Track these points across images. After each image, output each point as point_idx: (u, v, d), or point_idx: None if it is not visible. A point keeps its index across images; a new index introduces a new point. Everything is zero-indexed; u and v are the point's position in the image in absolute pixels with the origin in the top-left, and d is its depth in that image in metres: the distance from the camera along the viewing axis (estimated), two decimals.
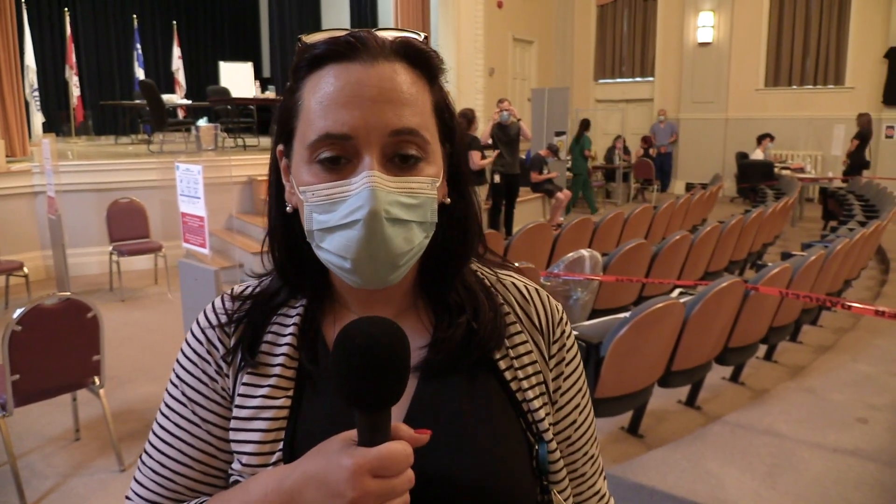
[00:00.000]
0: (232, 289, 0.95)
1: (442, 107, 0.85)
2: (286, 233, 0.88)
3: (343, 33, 0.80)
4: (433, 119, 0.83)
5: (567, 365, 0.95)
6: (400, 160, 0.78)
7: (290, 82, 0.84)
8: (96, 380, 3.57)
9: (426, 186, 0.79)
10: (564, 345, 0.95)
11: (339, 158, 0.77)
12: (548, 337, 0.93)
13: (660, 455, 3.34)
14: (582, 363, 0.98)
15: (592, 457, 0.98)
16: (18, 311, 3.18)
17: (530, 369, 0.90)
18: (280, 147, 0.86)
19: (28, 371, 3.25)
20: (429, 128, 0.81)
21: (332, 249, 0.78)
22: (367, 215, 0.74)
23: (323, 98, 0.77)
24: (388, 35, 0.81)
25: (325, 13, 17.83)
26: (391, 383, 0.67)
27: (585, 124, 13.38)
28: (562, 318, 0.96)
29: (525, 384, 0.89)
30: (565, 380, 0.94)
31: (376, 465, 0.66)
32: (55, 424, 4.08)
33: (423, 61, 0.82)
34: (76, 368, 3.49)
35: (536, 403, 0.88)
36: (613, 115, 16.96)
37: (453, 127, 0.87)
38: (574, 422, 0.95)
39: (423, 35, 0.84)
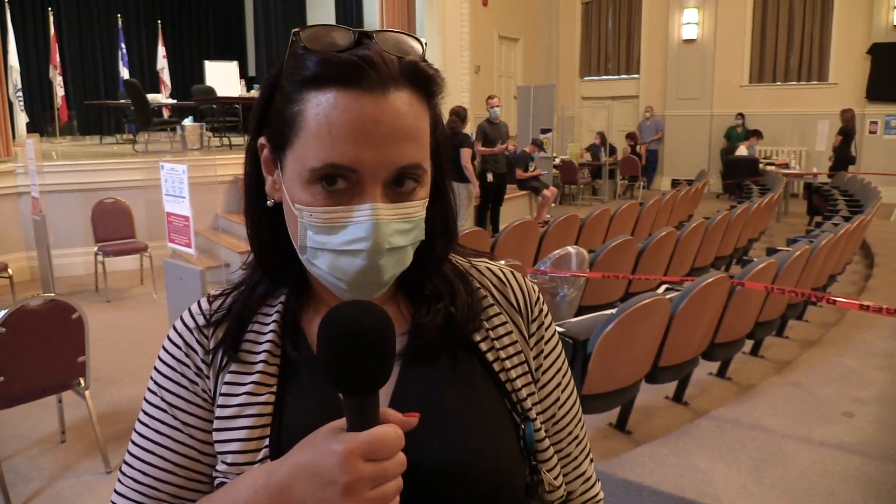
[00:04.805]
0: (209, 294, 0.94)
1: (436, 123, 0.85)
2: (267, 226, 0.87)
3: (343, 35, 0.77)
4: (429, 141, 0.82)
5: (546, 343, 0.95)
6: (397, 184, 0.78)
7: (284, 84, 0.79)
8: (81, 381, 3.55)
9: (419, 209, 0.80)
10: (543, 323, 0.96)
11: (340, 181, 0.76)
12: (526, 316, 0.94)
13: (647, 451, 3.35)
14: (561, 343, 0.99)
15: (577, 437, 0.98)
16: (2, 313, 3.16)
17: (511, 349, 0.91)
18: (262, 140, 0.85)
19: (12, 373, 3.23)
20: (427, 155, 0.81)
21: (328, 269, 0.78)
22: (370, 248, 0.75)
23: (330, 126, 0.75)
24: (390, 42, 0.78)
25: (311, 12, 17.77)
26: (378, 365, 0.67)
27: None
28: (538, 298, 0.97)
29: (507, 364, 0.89)
30: (545, 357, 0.95)
31: (367, 448, 0.65)
32: (40, 426, 4.05)
33: (429, 85, 0.81)
34: (61, 370, 3.47)
35: (519, 383, 0.89)
36: (599, 112, 17.00)
37: (441, 140, 0.87)
38: (557, 400, 0.95)
39: (424, 41, 0.82)
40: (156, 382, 0.89)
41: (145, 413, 0.88)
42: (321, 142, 0.75)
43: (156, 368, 0.89)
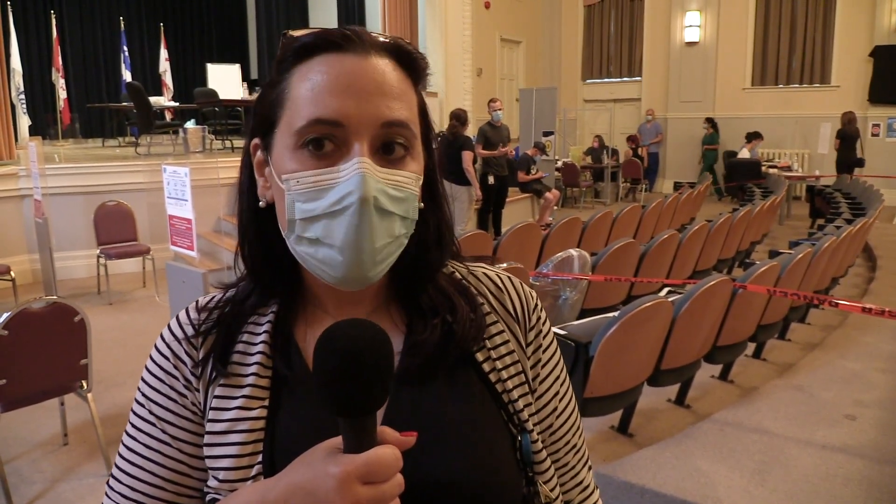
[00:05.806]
0: (197, 301, 0.92)
1: (424, 110, 0.85)
2: (258, 230, 0.87)
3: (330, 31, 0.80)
4: (418, 119, 0.83)
5: (544, 352, 0.93)
6: (386, 152, 0.77)
7: (272, 75, 0.82)
8: (84, 384, 3.55)
9: (411, 182, 0.79)
10: (541, 331, 0.94)
11: (328, 143, 0.76)
12: (524, 324, 0.92)
13: (649, 454, 3.35)
14: (559, 351, 0.97)
15: (575, 446, 0.96)
16: (5, 316, 3.15)
17: (508, 359, 0.89)
18: (255, 141, 0.85)
19: (15, 376, 3.23)
20: (416, 124, 0.81)
21: (317, 236, 0.76)
22: (358, 201, 0.73)
23: (314, 86, 0.76)
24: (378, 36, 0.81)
25: (313, 15, 17.81)
26: (376, 386, 0.65)
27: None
28: (536, 305, 0.95)
29: (504, 374, 0.87)
30: (543, 367, 0.93)
31: (365, 471, 0.64)
32: (43, 429, 4.05)
33: (412, 63, 0.82)
34: (63, 373, 3.47)
35: (516, 394, 0.87)
36: (601, 114, 17.00)
37: (431, 132, 0.87)
38: (555, 409, 0.93)
39: (408, 42, 0.84)
40: (143, 394, 0.86)
41: (133, 426, 0.86)
42: (307, 102, 0.76)
43: (143, 379, 0.87)
